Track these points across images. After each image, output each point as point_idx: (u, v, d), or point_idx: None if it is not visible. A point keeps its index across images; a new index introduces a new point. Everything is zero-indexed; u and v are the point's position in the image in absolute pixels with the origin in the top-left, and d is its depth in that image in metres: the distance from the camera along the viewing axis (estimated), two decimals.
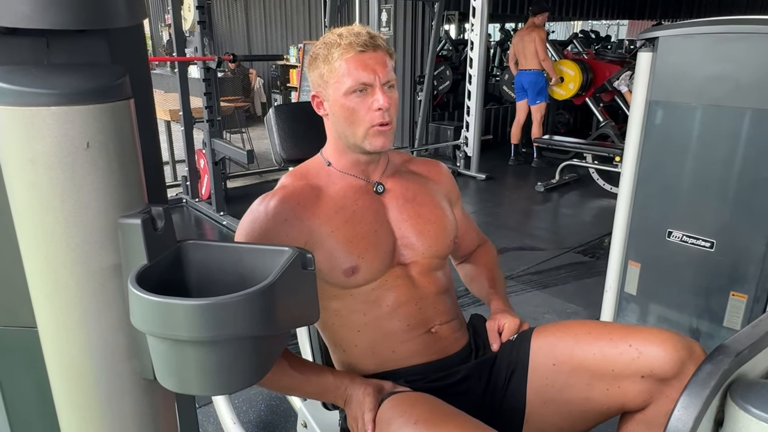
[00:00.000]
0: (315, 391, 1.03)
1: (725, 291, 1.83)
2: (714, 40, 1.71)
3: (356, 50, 0.96)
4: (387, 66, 0.99)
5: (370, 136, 1.00)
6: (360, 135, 1.00)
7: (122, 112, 0.49)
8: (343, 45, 0.97)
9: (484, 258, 1.31)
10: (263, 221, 0.99)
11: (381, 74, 0.97)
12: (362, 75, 0.96)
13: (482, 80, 5.08)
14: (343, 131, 1.02)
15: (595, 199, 4.57)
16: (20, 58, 0.49)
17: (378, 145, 1.01)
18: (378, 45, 0.98)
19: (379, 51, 0.98)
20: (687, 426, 0.42)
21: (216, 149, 3.70)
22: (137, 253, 0.48)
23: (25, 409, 0.60)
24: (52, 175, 0.45)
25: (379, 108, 0.97)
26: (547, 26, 10.81)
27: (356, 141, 1.01)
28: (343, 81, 0.97)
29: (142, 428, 0.52)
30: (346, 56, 0.96)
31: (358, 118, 0.98)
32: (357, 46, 0.96)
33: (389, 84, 0.99)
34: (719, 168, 1.76)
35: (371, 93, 0.98)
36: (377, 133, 0.99)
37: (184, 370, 0.45)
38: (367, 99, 0.98)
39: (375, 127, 0.99)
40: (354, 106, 0.98)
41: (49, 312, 0.50)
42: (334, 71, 0.98)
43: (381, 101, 0.97)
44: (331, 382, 1.02)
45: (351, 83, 0.97)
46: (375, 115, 0.98)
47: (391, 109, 0.99)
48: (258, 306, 0.44)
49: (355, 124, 0.99)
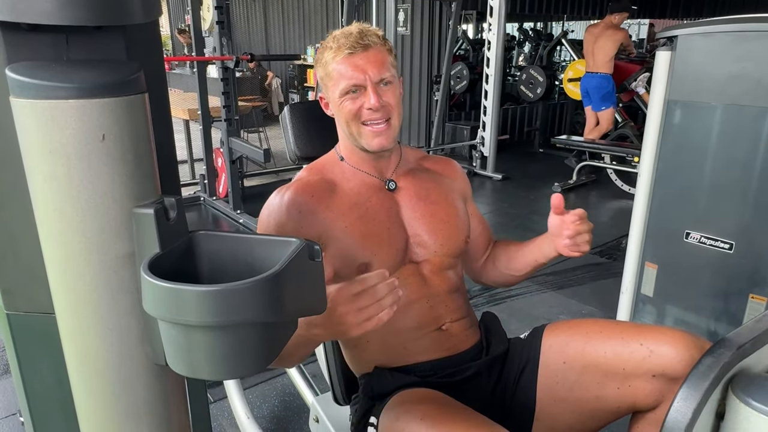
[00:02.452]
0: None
1: (744, 293, 1.80)
2: (734, 38, 1.68)
3: (345, 53, 0.97)
4: (381, 63, 0.99)
5: (366, 136, 1.01)
6: (357, 135, 1.02)
7: (137, 106, 0.51)
8: (333, 48, 0.99)
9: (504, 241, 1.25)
10: (278, 213, 1.01)
11: (372, 73, 0.97)
12: (352, 76, 0.97)
13: (499, 80, 5.05)
14: (344, 130, 1.04)
15: (612, 200, 4.51)
16: (41, 53, 0.51)
17: (375, 145, 1.01)
18: (368, 44, 0.98)
19: (371, 50, 0.98)
20: (686, 417, 0.42)
21: (233, 148, 3.75)
22: (150, 242, 0.50)
23: (43, 391, 0.63)
24: (70, 166, 0.47)
25: (369, 107, 0.98)
26: (566, 25, 10.66)
27: (355, 139, 1.03)
28: (337, 84, 0.99)
29: (153, 411, 0.54)
30: (337, 59, 0.98)
31: (354, 118, 1.00)
32: (345, 48, 0.97)
33: (384, 81, 0.99)
34: (739, 168, 1.73)
35: (364, 93, 0.99)
36: (372, 133, 1.01)
37: (194, 354, 0.47)
38: (359, 99, 0.99)
39: (369, 128, 1.00)
40: (349, 107, 1.00)
41: (66, 298, 0.52)
42: (330, 74, 1.00)
43: (371, 101, 0.97)
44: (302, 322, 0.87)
45: (343, 85, 0.98)
46: (366, 114, 0.99)
47: (388, 107, 0.99)
48: (265, 293, 0.46)
49: (352, 125, 1.01)
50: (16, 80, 0.47)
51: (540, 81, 5.91)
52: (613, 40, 4.52)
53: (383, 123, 1.00)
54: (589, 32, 4.75)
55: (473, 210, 1.22)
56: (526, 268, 1.15)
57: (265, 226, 1.02)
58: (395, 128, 1.03)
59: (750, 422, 0.45)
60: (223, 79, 3.69)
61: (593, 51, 4.65)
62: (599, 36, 4.60)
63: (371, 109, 0.98)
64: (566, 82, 5.48)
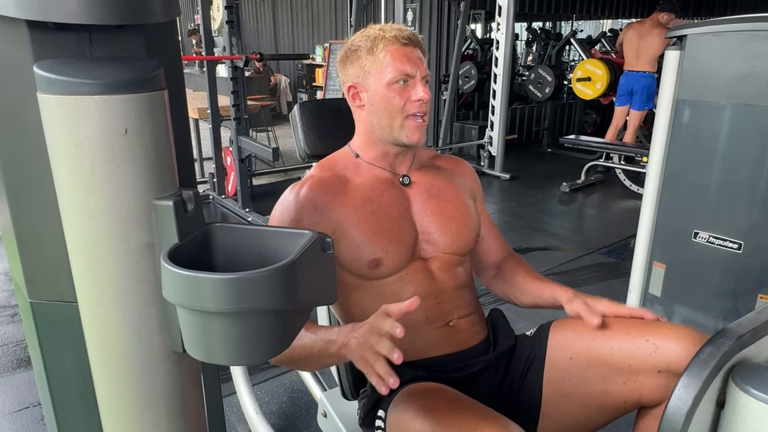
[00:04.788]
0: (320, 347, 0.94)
1: (753, 293, 1.79)
2: (744, 37, 1.67)
3: (401, 42, 1.01)
4: (425, 62, 1.04)
5: (407, 128, 1.04)
6: (397, 126, 1.04)
7: (157, 102, 0.53)
8: (388, 38, 1.01)
9: (521, 265, 1.22)
10: (294, 209, 1.03)
11: (422, 68, 1.02)
12: (406, 66, 1.01)
13: (508, 79, 5.04)
14: (379, 122, 1.06)
15: (621, 199, 4.50)
16: (66, 51, 0.53)
17: (414, 139, 1.05)
18: (418, 42, 1.03)
19: (419, 48, 1.03)
20: (686, 404, 0.43)
21: (242, 147, 3.78)
22: (169, 233, 0.52)
23: (64, 378, 0.65)
24: (94, 159, 0.49)
25: (419, 99, 1.01)
26: (575, 25, 10.59)
27: (392, 132, 1.05)
28: (386, 72, 1.01)
29: (170, 397, 0.56)
30: (391, 48, 1.01)
31: (396, 108, 1.02)
32: (401, 39, 1.01)
33: (426, 79, 1.04)
34: (748, 168, 1.72)
35: (412, 85, 1.02)
36: (415, 127, 1.04)
37: (211, 340, 0.49)
38: (407, 90, 1.02)
39: (413, 121, 1.03)
40: (393, 96, 1.02)
41: (88, 287, 0.55)
42: (378, 62, 1.02)
43: (421, 93, 1.01)
44: (335, 331, 0.94)
45: (394, 74, 1.01)
46: (414, 105, 1.02)
47: (429, 103, 1.04)
48: (279, 282, 0.47)
49: (393, 114, 1.03)
50: (43, 77, 0.49)
51: (549, 81, 5.89)
52: (662, 38, 4.34)
53: (424, 117, 1.04)
54: (633, 29, 4.58)
55: (484, 214, 1.23)
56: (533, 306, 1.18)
57: (278, 223, 1.04)
58: (426, 127, 1.07)
59: (750, 410, 0.46)
60: (233, 79, 3.72)
61: (637, 49, 4.51)
62: (646, 34, 4.45)
63: (421, 100, 1.02)
64: (575, 81, 5.46)
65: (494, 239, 1.25)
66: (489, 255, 1.25)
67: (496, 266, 1.25)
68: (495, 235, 1.26)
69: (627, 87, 4.71)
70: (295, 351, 0.98)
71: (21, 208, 0.59)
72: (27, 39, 0.52)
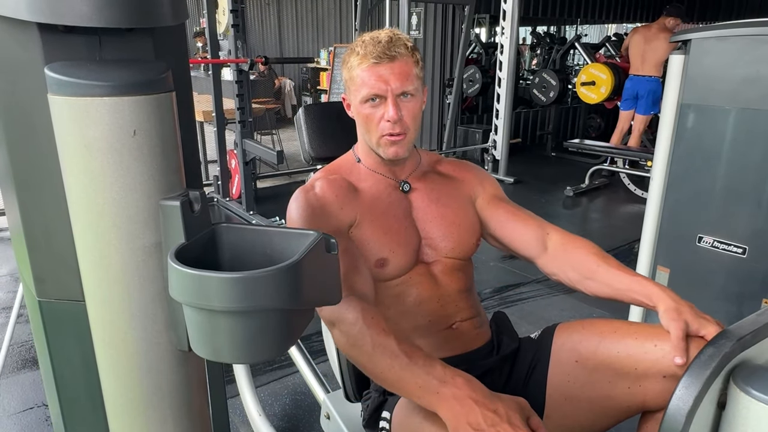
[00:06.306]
0: (418, 380, 0.84)
1: (758, 298, 1.78)
2: (748, 42, 1.67)
3: (370, 61, 0.99)
4: (405, 75, 1.00)
5: (382, 144, 1.04)
6: (374, 141, 1.05)
7: (165, 104, 0.54)
8: (360, 54, 1.00)
9: (586, 246, 1.07)
10: (307, 211, 1.03)
11: (394, 85, 0.99)
12: (374, 86, 0.99)
13: (512, 83, 5.05)
14: (363, 135, 1.08)
15: (626, 204, 4.49)
16: (76, 54, 0.54)
17: (390, 154, 1.04)
18: (395, 55, 0.98)
19: (397, 61, 0.99)
20: (687, 404, 0.43)
21: (247, 150, 3.79)
22: (176, 233, 0.53)
23: (71, 376, 0.65)
24: (103, 160, 0.50)
25: (387, 120, 1.00)
26: (580, 29, 10.60)
27: (372, 146, 1.07)
28: (359, 90, 1.01)
29: (176, 395, 0.57)
30: (362, 66, 1.00)
31: (372, 126, 1.03)
32: (371, 57, 0.98)
33: (406, 93, 1.01)
34: (753, 172, 1.72)
35: (383, 104, 1.01)
36: (388, 142, 1.03)
37: (217, 339, 0.49)
38: (379, 109, 1.01)
39: (385, 137, 1.03)
40: (368, 114, 1.02)
41: (96, 286, 0.55)
42: (353, 79, 1.03)
43: (390, 113, 0.99)
44: (439, 371, 0.84)
45: (364, 93, 1.00)
46: (385, 126, 1.01)
47: (404, 120, 1.01)
48: (284, 281, 0.48)
49: (369, 131, 1.04)
50: (53, 78, 0.50)
51: (553, 85, 5.90)
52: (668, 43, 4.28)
53: (399, 135, 1.02)
54: (639, 33, 4.58)
55: (499, 204, 1.16)
56: (608, 298, 1.04)
57: (299, 220, 1.04)
58: (411, 139, 1.05)
59: (750, 411, 0.46)
60: (238, 82, 3.74)
61: (643, 53, 4.50)
62: (652, 38, 4.45)
63: (389, 121, 1.00)
64: (579, 85, 5.46)
65: (524, 226, 1.12)
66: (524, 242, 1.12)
67: (544, 248, 1.11)
68: (522, 219, 1.13)
69: (632, 91, 4.71)
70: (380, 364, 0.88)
71: (31, 207, 0.60)
72: (38, 41, 0.53)
